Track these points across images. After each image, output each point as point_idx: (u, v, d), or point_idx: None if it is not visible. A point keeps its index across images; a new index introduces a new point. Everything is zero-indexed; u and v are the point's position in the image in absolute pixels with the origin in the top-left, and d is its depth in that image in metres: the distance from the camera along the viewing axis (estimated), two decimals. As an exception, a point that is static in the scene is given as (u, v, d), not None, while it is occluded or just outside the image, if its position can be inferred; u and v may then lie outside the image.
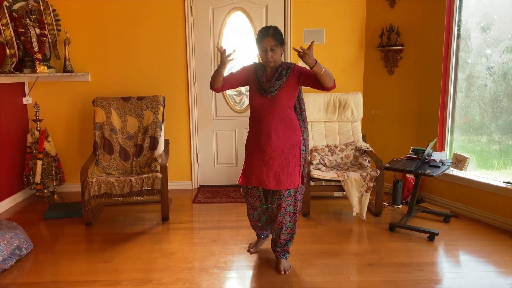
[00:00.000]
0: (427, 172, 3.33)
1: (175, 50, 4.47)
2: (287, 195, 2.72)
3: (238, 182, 2.86)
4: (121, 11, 4.38)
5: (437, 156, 3.66)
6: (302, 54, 2.36)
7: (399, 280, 2.71)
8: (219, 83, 2.65)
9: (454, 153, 3.83)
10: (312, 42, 2.46)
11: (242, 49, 4.62)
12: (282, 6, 4.46)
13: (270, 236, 3.10)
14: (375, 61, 4.49)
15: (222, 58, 2.53)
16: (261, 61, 2.69)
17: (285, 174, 2.64)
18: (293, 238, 2.86)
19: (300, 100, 2.76)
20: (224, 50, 2.53)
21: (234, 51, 2.56)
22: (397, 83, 4.36)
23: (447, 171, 3.72)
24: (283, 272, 2.79)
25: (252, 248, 3.11)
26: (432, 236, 3.30)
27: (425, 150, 3.51)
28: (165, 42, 4.47)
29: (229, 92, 4.66)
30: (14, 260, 2.94)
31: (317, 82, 2.52)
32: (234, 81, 2.73)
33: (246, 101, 4.74)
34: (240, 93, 4.77)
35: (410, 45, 4.20)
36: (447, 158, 3.86)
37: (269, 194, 2.81)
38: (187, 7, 4.39)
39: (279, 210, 2.74)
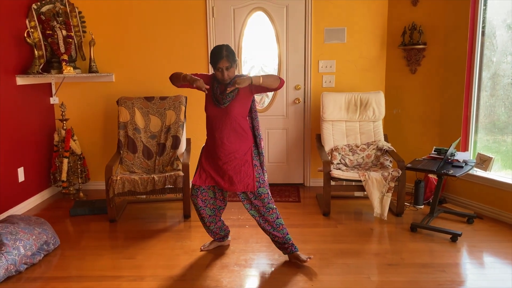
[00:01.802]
0: (450, 172, 3.29)
1: (197, 51, 4.53)
2: (250, 195, 2.85)
3: (192, 182, 2.93)
4: (144, 12, 4.47)
5: (460, 156, 3.61)
6: (236, 85, 2.57)
7: (421, 281, 2.69)
8: (179, 83, 2.80)
9: (478, 153, 3.77)
10: (236, 81, 2.61)
11: (262, 49, 4.67)
12: (303, 5, 4.46)
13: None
14: (397, 60, 4.45)
15: (197, 84, 2.63)
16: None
17: (238, 177, 2.79)
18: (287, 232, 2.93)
19: (252, 110, 2.89)
20: (206, 89, 2.66)
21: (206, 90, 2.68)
22: (419, 82, 4.31)
23: (470, 172, 3.66)
24: (306, 259, 2.90)
25: (204, 246, 3.20)
26: (454, 237, 3.26)
27: (448, 150, 3.47)
28: (187, 42, 4.53)
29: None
30: (42, 255, 3.04)
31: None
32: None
33: (266, 101, 4.76)
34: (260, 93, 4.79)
35: (433, 44, 4.15)
36: (471, 158, 3.80)
37: (248, 206, 2.91)
38: (208, 8, 4.44)
39: (260, 210, 2.86)
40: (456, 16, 3.90)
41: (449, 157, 3.53)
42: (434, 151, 3.75)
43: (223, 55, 2.65)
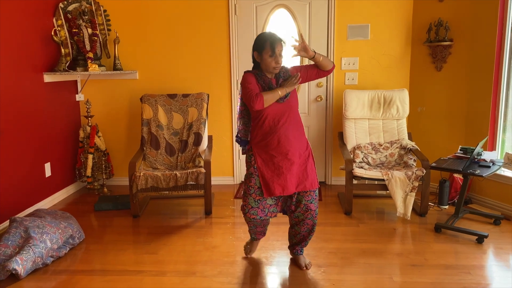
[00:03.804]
0: (476, 172, 3.21)
1: (219, 48, 4.55)
2: (315, 197, 2.70)
3: (265, 196, 2.60)
4: (167, 10, 4.51)
5: (487, 155, 3.52)
6: (302, 47, 2.49)
7: (445, 282, 2.64)
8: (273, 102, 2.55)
9: (506, 152, 3.66)
10: (301, 35, 2.52)
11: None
12: (326, 2, 4.42)
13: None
14: (422, 57, 4.36)
15: (292, 81, 2.53)
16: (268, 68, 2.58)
17: (305, 175, 2.62)
18: None
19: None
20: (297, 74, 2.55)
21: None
22: (445, 80, 4.22)
23: (498, 172, 3.56)
24: (305, 268, 2.81)
25: (249, 251, 3.03)
26: (481, 239, 3.18)
27: (474, 149, 3.38)
28: (209, 40, 4.55)
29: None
30: (68, 249, 3.11)
31: (319, 70, 2.64)
32: None
33: (288, 98, 4.74)
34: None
35: (459, 40, 4.05)
36: (498, 158, 3.70)
37: (289, 202, 2.71)
38: (231, 5, 4.45)
39: (308, 213, 2.68)
40: (484, 12, 3.80)
41: (475, 157, 3.44)
42: (460, 150, 3.66)
43: (279, 39, 2.53)
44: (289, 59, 2.71)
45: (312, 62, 2.66)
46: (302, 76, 2.61)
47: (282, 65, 2.60)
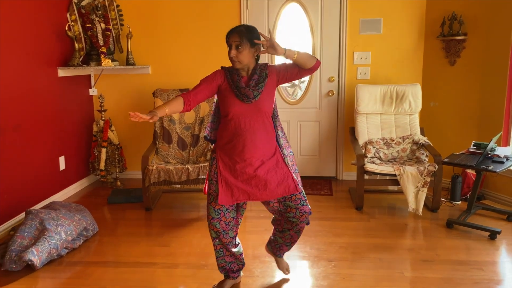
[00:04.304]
0: (489, 167, 3.18)
1: (231, 43, 4.54)
2: (304, 198, 2.39)
3: (220, 203, 2.31)
4: (180, 5, 4.52)
5: (501, 151, 3.47)
6: (269, 45, 2.20)
7: (456, 278, 2.63)
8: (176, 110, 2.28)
9: (521, 148, 3.61)
10: (269, 30, 2.32)
11: (296, 41, 4.63)
12: (338, -4, 4.40)
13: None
14: (435, 51, 4.31)
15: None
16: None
17: (275, 181, 2.32)
18: None
19: (275, 106, 2.47)
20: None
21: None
22: (459, 74, 4.17)
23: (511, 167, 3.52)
24: (288, 272, 2.69)
25: None
26: (493, 235, 3.16)
27: (487, 145, 3.35)
28: (221, 35, 4.48)
29: (283, 84, 4.67)
30: (82, 240, 3.17)
31: (300, 69, 2.31)
32: (204, 96, 2.36)
33: (299, 93, 4.73)
34: (294, 85, 4.77)
35: (474, 34, 4.00)
36: (513, 154, 3.66)
37: (284, 209, 2.42)
38: (242, 0, 4.45)
39: (303, 217, 2.38)
40: (499, 5, 3.74)
41: (489, 152, 3.41)
42: (473, 145, 3.63)
43: (235, 30, 2.29)
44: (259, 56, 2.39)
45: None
46: (281, 76, 2.36)
47: (265, 62, 2.40)
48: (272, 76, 2.35)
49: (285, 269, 2.71)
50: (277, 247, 2.64)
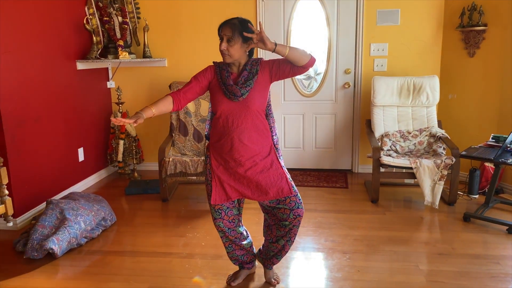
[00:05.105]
0: (508, 161, 3.13)
1: (246, 35, 4.54)
2: (299, 201, 2.27)
3: (212, 203, 2.27)
4: (196, -3, 4.54)
5: (521, 144, 3.42)
6: (259, 38, 2.06)
7: (472, 272, 2.61)
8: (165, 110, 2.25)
9: (541, 141, 3.54)
10: (259, 23, 2.20)
11: (311, 32, 4.60)
12: (355, -13, 4.35)
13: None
14: (454, 43, 4.24)
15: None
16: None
17: (267, 183, 2.23)
18: None
19: (268, 104, 2.36)
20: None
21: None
22: (478, 66, 4.09)
23: (532, 161, 3.46)
24: (276, 283, 2.54)
25: (233, 281, 2.57)
26: (511, 229, 3.12)
27: (507, 138, 3.29)
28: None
29: (298, 76, 4.65)
30: (100, 230, 3.24)
31: (293, 66, 2.18)
32: (194, 94, 2.33)
33: (315, 85, 4.72)
34: (309, 77, 4.75)
35: (494, 25, 3.91)
36: (533, 147, 3.59)
37: (275, 211, 2.32)
38: (258, -8, 4.44)
39: (296, 220, 2.27)
40: (521, -5, 3.66)
41: (508, 145, 3.35)
42: (492, 138, 3.57)
43: (228, 22, 2.16)
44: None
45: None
46: (274, 73, 2.25)
47: (259, 57, 2.30)
48: (265, 72, 2.24)
49: (272, 279, 2.55)
50: (268, 259, 2.50)
